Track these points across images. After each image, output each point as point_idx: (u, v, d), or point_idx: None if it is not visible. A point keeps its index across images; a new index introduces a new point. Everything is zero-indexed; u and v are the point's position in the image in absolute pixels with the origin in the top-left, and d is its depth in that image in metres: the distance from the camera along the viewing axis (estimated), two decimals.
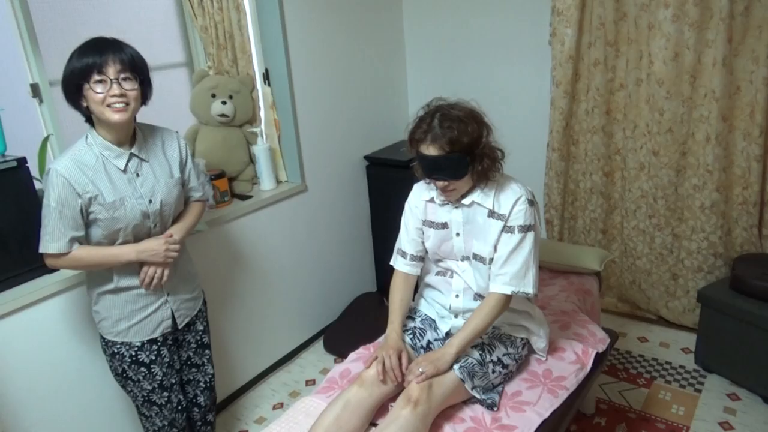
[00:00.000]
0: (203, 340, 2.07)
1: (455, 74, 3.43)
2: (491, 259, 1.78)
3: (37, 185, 2.03)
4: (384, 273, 3.55)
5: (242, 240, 2.69)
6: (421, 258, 1.97)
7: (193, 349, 2.04)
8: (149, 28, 2.74)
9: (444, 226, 1.85)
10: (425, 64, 3.57)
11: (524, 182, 1.84)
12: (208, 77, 2.69)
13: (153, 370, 1.88)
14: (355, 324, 3.19)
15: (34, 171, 2.01)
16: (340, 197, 3.26)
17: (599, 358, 2.05)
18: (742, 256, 2.69)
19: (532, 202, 1.78)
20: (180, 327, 1.94)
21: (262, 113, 2.90)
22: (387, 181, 3.31)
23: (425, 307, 2.02)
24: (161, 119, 2.77)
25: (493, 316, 1.76)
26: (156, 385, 1.89)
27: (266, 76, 2.83)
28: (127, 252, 1.73)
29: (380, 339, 2.10)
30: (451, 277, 1.91)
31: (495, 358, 1.82)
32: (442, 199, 1.84)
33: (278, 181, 2.93)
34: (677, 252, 2.95)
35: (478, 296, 1.87)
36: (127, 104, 1.66)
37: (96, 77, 1.60)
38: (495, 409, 1.76)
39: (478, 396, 1.75)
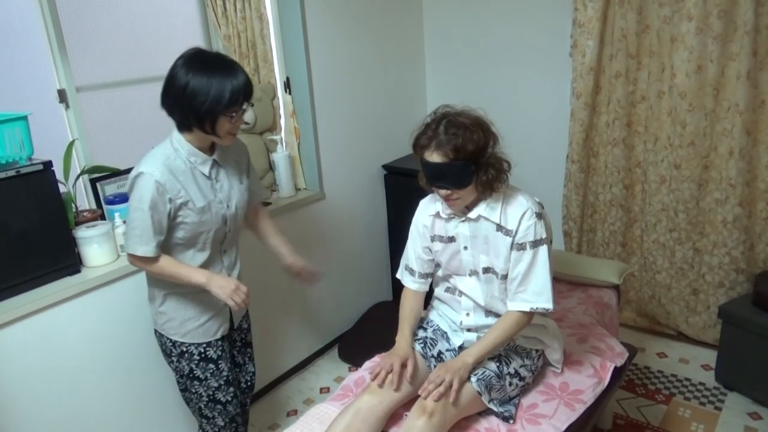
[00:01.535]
0: (247, 338, 2.12)
1: (475, 84, 3.44)
2: (504, 275, 1.76)
3: (62, 188, 2.07)
4: (400, 283, 3.54)
5: (260, 245, 2.70)
6: (429, 275, 1.95)
7: (238, 348, 2.08)
8: (174, 36, 2.78)
9: (451, 239, 1.83)
10: (445, 74, 3.58)
11: (540, 194, 1.81)
12: None
13: (220, 366, 1.92)
14: (371, 333, 3.19)
15: (59, 174, 2.05)
16: (358, 206, 3.27)
17: (617, 372, 2.03)
18: (765, 272, 2.64)
19: (540, 215, 1.74)
20: (235, 327, 2.00)
21: (282, 121, 2.92)
22: (405, 191, 3.31)
23: (437, 319, 2.01)
24: None
25: (513, 333, 1.75)
26: (222, 382, 1.93)
27: (287, 85, 2.86)
28: (200, 278, 1.75)
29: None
30: (460, 296, 1.89)
31: (512, 370, 1.81)
32: (448, 213, 1.81)
33: (297, 189, 2.95)
34: (698, 267, 2.91)
35: (489, 312, 1.85)
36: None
37: (234, 108, 1.64)
38: (511, 421, 1.75)
39: (495, 409, 1.74)
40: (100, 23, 2.49)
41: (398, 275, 2.01)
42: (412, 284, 1.95)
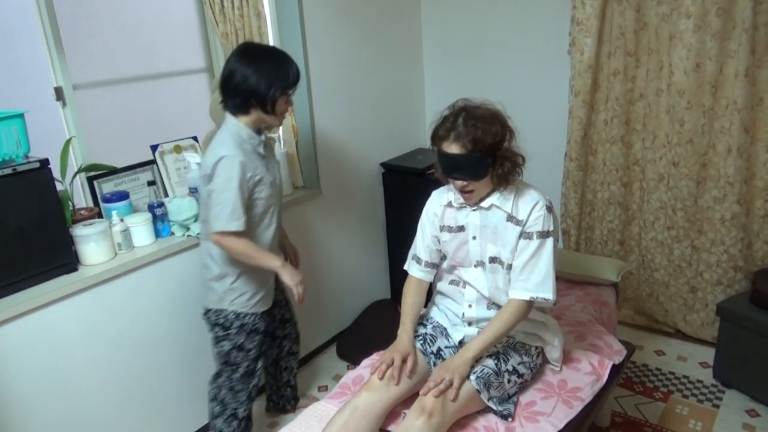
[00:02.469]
0: (286, 297, 2.39)
1: (473, 83, 3.43)
2: (510, 265, 1.79)
3: (59, 186, 2.06)
4: (398, 280, 3.54)
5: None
6: (435, 265, 1.97)
7: (277, 324, 2.39)
8: (171, 34, 2.78)
9: (461, 229, 1.85)
10: (443, 73, 3.58)
11: (541, 191, 1.83)
12: None
13: (260, 339, 2.17)
14: (369, 331, 3.19)
15: (56, 173, 2.04)
16: (356, 204, 3.26)
17: (615, 370, 2.03)
18: (763, 269, 2.64)
19: (550, 209, 1.78)
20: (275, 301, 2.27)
21: None
22: (403, 189, 3.31)
23: (437, 315, 2.02)
24: (181, 124, 2.82)
25: (513, 323, 1.76)
26: (257, 354, 2.18)
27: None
28: (275, 263, 2.01)
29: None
30: (464, 287, 1.90)
31: (510, 368, 1.81)
32: (460, 202, 1.83)
33: (294, 186, 2.94)
34: (696, 264, 2.91)
35: (492, 305, 1.86)
36: None
37: (291, 89, 1.96)
38: (510, 419, 1.75)
39: (494, 407, 1.74)
40: (97, 21, 2.48)
41: (405, 266, 2.02)
42: (418, 272, 1.96)
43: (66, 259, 2.04)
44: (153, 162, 2.50)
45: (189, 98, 2.89)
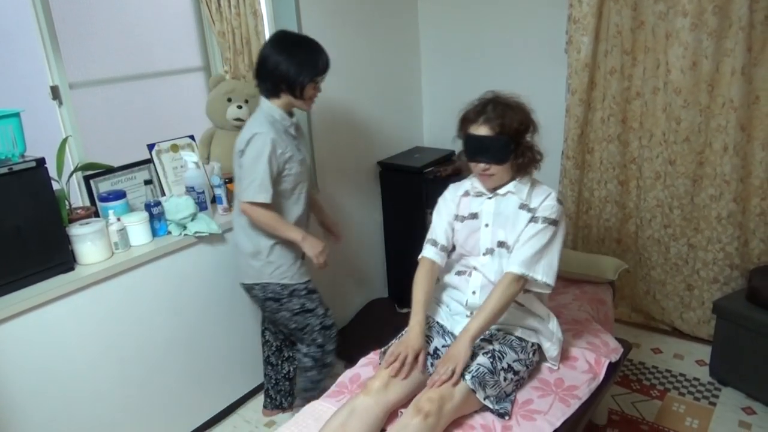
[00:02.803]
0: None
1: (470, 81, 3.43)
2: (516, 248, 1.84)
3: (55, 186, 2.06)
4: (396, 279, 3.55)
5: None
6: (448, 251, 2.00)
7: None
8: (168, 32, 2.77)
9: (474, 216, 1.92)
10: (440, 71, 3.58)
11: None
12: (224, 82, 2.71)
13: (319, 296, 2.30)
14: (366, 330, 3.19)
15: (52, 172, 2.04)
16: (353, 203, 3.26)
17: (612, 368, 2.03)
18: (759, 267, 2.65)
19: (560, 202, 1.87)
20: None
21: None
22: (400, 188, 3.31)
23: (435, 312, 2.02)
24: (178, 122, 2.82)
25: (506, 297, 1.78)
26: (325, 309, 2.31)
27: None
28: (296, 235, 2.14)
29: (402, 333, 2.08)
30: (470, 275, 1.93)
31: (505, 365, 1.81)
32: (477, 190, 1.93)
33: None
34: (693, 262, 2.92)
35: None
36: None
37: (320, 77, 2.09)
38: (507, 417, 1.75)
39: (490, 405, 1.74)
40: (93, 19, 2.48)
41: (421, 255, 2.03)
42: (433, 254, 1.98)
43: (62, 259, 2.03)
44: (150, 161, 2.49)
45: (186, 97, 2.89)
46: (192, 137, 2.65)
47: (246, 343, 2.73)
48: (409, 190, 3.26)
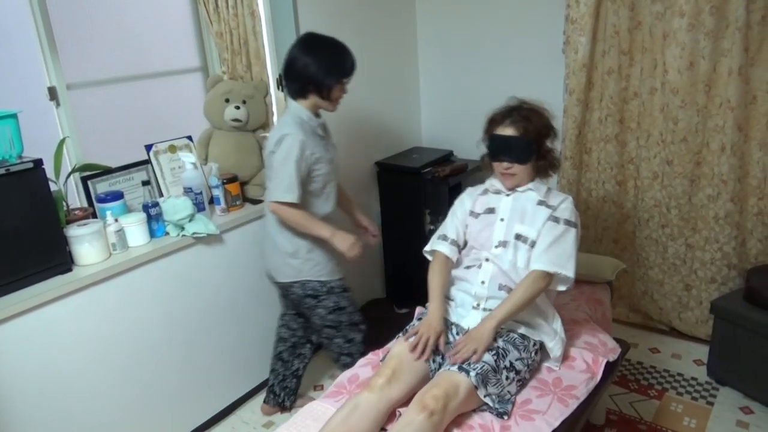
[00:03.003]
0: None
1: (468, 81, 3.44)
2: (533, 242, 1.92)
3: (53, 187, 2.06)
4: (393, 279, 3.55)
5: (253, 244, 2.69)
6: (459, 246, 2.09)
7: None
8: (165, 33, 2.77)
9: (490, 211, 2.04)
10: (438, 72, 3.58)
11: None
12: (222, 82, 2.71)
13: (350, 294, 2.34)
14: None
15: (50, 173, 2.03)
16: None
17: (610, 367, 2.03)
18: (757, 267, 2.66)
19: (576, 207, 1.99)
20: None
21: (275, 118, 2.91)
22: (398, 188, 3.31)
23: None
24: (176, 123, 2.81)
25: (532, 291, 1.85)
26: (354, 307, 2.37)
27: (280, 82, 2.85)
28: (325, 232, 2.15)
29: (416, 319, 2.10)
30: (480, 267, 1.98)
31: (508, 363, 1.82)
32: (496, 188, 2.06)
33: None
34: (690, 262, 2.93)
35: (503, 287, 1.93)
36: None
37: (347, 78, 2.14)
38: (506, 417, 1.75)
39: (490, 403, 1.74)
40: (91, 20, 2.47)
41: (427, 248, 2.15)
42: (445, 248, 2.08)
43: (60, 260, 2.03)
44: (147, 162, 2.49)
45: (183, 98, 2.88)
46: (190, 138, 2.65)
47: (244, 343, 2.73)
48: (407, 191, 3.26)
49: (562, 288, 1.95)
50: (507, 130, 1.95)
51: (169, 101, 2.83)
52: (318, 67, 2.06)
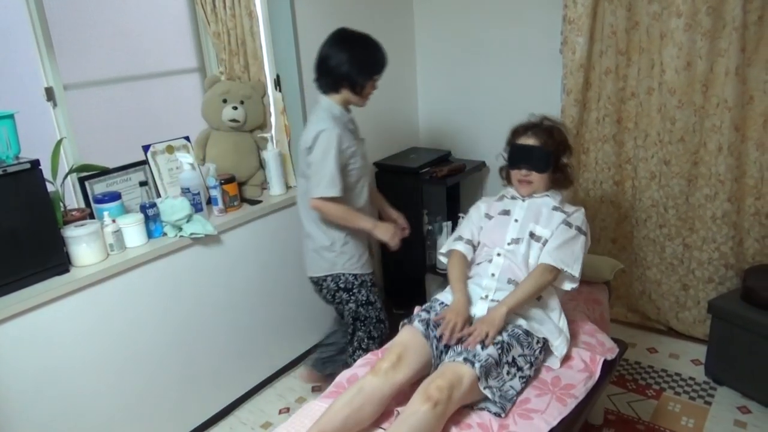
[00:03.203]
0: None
1: (466, 82, 3.44)
2: (546, 241, 2.03)
3: (50, 187, 2.05)
4: (392, 279, 3.54)
5: (251, 244, 2.70)
6: (473, 245, 2.20)
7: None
8: (163, 33, 2.76)
9: (505, 213, 2.16)
10: (436, 72, 3.58)
11: None
12: (219, 83, 2.71)
13: (378, 292, 2.38)
14: None
15: (47, 173, 2.03)
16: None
17: (608, 366, 2.04)
18: (754, 267, 2.66)
19: (586, 218, 2.11)
20: None
21: (272, 119, 2.91)
22: (397, 188, 3.30)
23: (447, 299, 2.08)
24: (173, 123, 2.81)
25: (541, 282, 1.95)
26: (381, 303, 2.40)
27: (277, 82, 2.85)
28: (367, 224, 2.22)
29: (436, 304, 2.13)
30: (491, 261, 2.07)
31: (510, 359, 1.85)
32: (512, 194, 2.19)
33: (288, 187, 2.93)
34: (688, 262, 2.93)
35: (512, 281, 2.01)
36: None
37: (379, 74, 2.18)
38: (502, 415, 1.76)
39: (490, 396, 1.75)
40: (88, 21, 2.47)
41: (443, 250, 2.27)
42: (461, 246, 2.18)
43: (57, 261, 2.03)
44: (145, 162, 2.49)
45: (181, 98, 2.88)
46: (187, 138, 2.64)
47: (242, 344, 2.73)
48: (405, 191, 3.26)
49: (567, 287, 2.04)
50: (528, 140, 2.12)
51: (166, 102, 2.82)
52: (352, 62, 2.10)
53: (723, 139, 2.65)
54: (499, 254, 2.07)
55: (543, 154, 2.09)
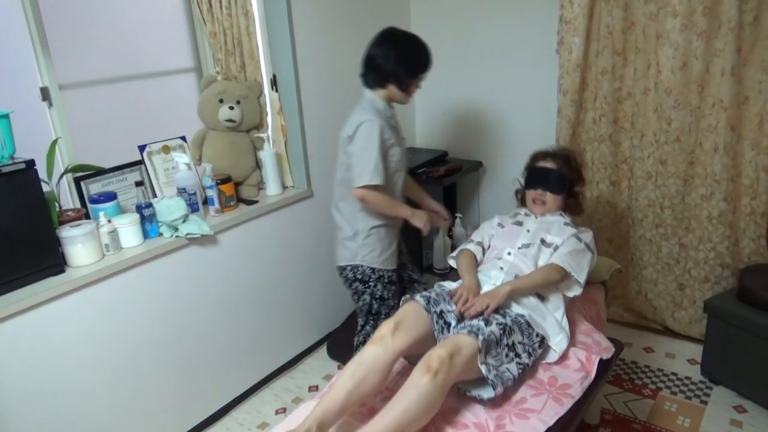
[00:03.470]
0: (413, 276, 2.61)
1: (463, 82, 3.44)
2: (557, 247, 2.14)
3: (45, 188, 2.05)
4: None
5: (247, 245, 2.69)
6: (483, 247, 2.32)
7: (410, 267, 2.62)
8: (159, 33, 2.76)
9: (519, 224, 2.28)
10: (432, 72, 3.56)
11: None
12: (216, 82, 2.70)
13: (396, 288, 2.43)
14: None
15: (42, 173, 2.02)
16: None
17: (604, 366, 2.04)
18: (750, 266, 2.67)
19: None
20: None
21: (269, 119, 2.91)
22: None
23: (453, 287, 2.14)
24: (169, 123, 2.80)
25: (548, 278, 2.04)
26: (395, 302, 2.38)
27: (274, 82, 2.84)
28: (406, 211, 2.29)
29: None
30: (500, 259, 2.17)
31: (510, 342, 1.88)
32: (526, 211, 2.33)
33: (284, 187, 2.93)
34: (684, 262, 2.94)
35: (519, 277, 2.07)
36: None
37: (425, 73, 2.27)
38: (493, 397, 1.77)
39: (486, 372, 1.75)
40: (84, 20, 2.46)
41: (453, 254, 2.37)
42: (472, 247, 2.32)
43: (53, 261, 2.02)
44: (141, 162, 2.48)
45: (177, 98, 2.87)
46: (183, 138, 2.64)
47: (238, 344, 2.72)
48: None
49: (570, 294, 2.12)
50: (546, 164, 2.28)
51: (162, 102, 2.82)
52: (401, 59, 2.19)
53: (719, 139, 2.66)
54: (509, 253, 2.16)
55: (559, 177, 2.24)
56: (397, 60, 2.18)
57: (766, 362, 2.38)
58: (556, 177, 2.25)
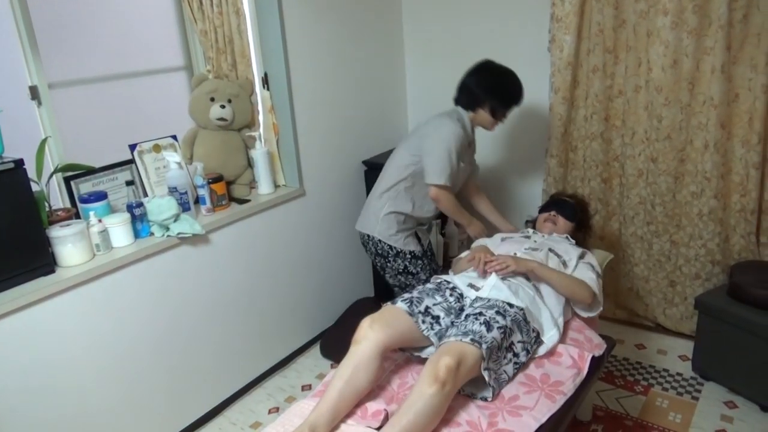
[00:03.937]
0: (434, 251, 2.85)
1: (454, 80, 3.42)
2: (565, 261, 2.23)
3: (35, 187, 2.03)
4: (381, 278, 3.54)
5: (239, 244, 2.68)
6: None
7: (431, 257, 2.77)
8: (149, 31, 2.74)
9: (525, 237, 2.41)
10: (425, 70, 3.58)
11: (519, 188, 1.97)
12: (207, 81, 2.69)
13: (422, 263, 2.59)
14: (352, 329, 3.15)
15: (31, 173, 2.01)
16: (338, 202, 3.25)
17: (596, 362, 2.05)
18: (740, 263, 2.69)
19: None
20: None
21: (260, 117, 2.90)
22: None
23: (451, 278, 2.19)
24: (160, 122, 2.79)
25: (575, 285, 2.12)
26: (429, 275, 2.58)
27: (265, 81, 2.83)
28: (466, 219, 2.61)
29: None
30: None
31: (509, 343, 1.89)
32: (533, 230, 2.47)
33: (276, 186, 2.93)
34: (675, 259, 2.95)
35: (509, 279, 2.12)
36: None
37: (517, 105, 2.52)
38: (488, 399, 1.79)
39: (487, 378, 1.77)
40: (73, 19, 2.44)
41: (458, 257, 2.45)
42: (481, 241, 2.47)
43: (43, 261, 2.01)
44: (131, 161, 2.47)
45: (168, 96, 2.86)
46: (174, 137, 2.62)
47: (230, 344, 2.71)
48: None
49: (585, 314, 2.20)
50: (563, 197, 2.55)
51: (153, 100, 2.80)
52: (496, 91, 2.45)
53: (709, 136, 2.67)
54: (516, 254, 2.22)
55: (573, 206, 2.49)
56: (495, 89, 2.44)
57: (757, 358, 2.40)
58: (570, 206, 2.49)
